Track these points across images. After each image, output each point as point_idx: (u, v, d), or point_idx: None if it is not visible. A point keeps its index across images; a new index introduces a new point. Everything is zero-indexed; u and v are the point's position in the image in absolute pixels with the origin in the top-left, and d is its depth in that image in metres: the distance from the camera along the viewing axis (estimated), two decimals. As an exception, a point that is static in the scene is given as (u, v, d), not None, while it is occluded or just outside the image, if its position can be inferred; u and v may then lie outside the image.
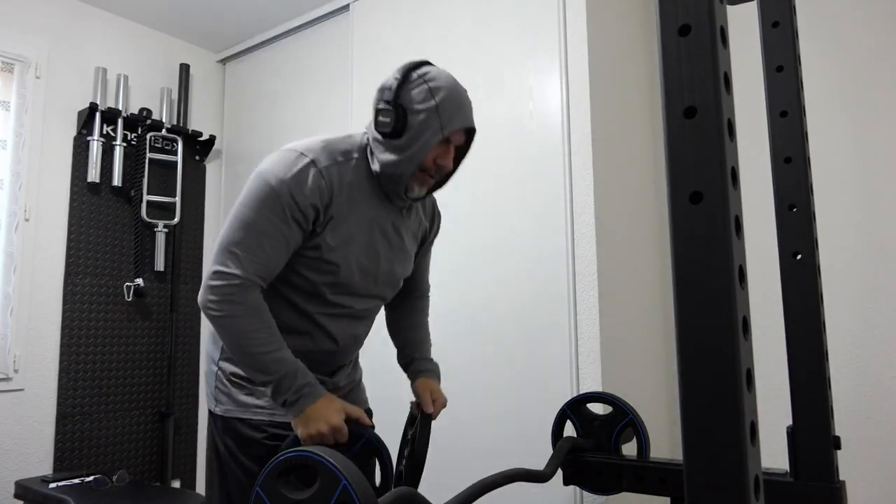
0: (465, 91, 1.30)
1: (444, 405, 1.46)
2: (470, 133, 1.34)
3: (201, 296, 1.20)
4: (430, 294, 1.67)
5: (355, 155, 1.30)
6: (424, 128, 1.22)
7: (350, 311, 1.36)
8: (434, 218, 1.55)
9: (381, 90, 1.27)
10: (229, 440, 1.31)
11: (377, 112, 1.25)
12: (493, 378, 2.12)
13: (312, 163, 1.23)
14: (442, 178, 1.37)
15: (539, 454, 1.97)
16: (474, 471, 2.11)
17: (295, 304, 1.31)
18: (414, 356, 1.52)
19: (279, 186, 1.20)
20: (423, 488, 1.41)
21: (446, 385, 2.21)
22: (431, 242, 1.57)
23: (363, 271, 1.32)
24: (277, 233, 1.20)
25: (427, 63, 1.29)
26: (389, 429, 1.53)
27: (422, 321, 1.59)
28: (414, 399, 1.46)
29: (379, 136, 1.26)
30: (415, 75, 1.24)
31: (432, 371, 1.51)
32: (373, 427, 1.25)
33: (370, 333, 1.49)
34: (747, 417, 0.48)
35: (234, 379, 1.34)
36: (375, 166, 1.29)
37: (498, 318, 2.15)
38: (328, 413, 1.16)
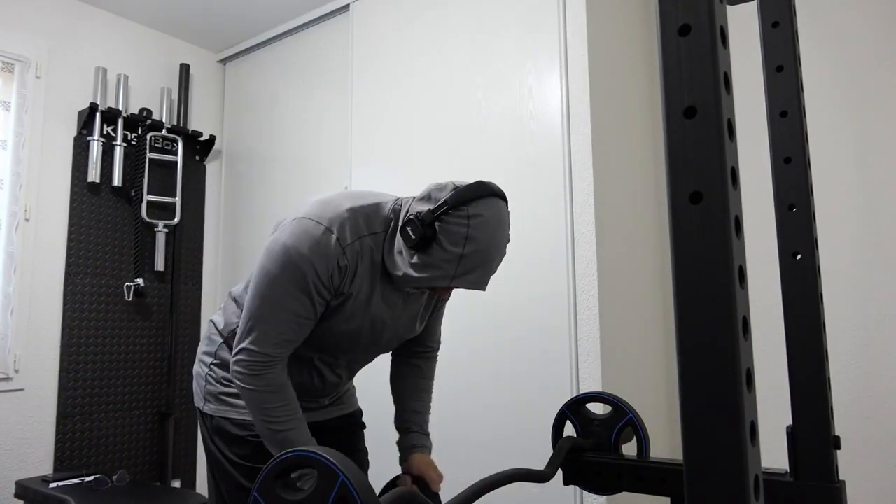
0: (502, 247, 1.19)
1: (441, 480, 1.42)
2: None
3: (231, 367, 1.24)
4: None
5: (378, 230, 1.25)
6: (438, 265, 1.16)
7: (352, 359, 1.40)
8: None
9: (430, 195, 1.18)
10: (218, 438, 1.34)
11: (409, 221, 1.17)
12: (493, 378, 2.12)
13: (338, 241, 1.19)
14: None
15: (539, 454, 1.97)
16: (474, 471, 2.11)
17: (297, 350, 1.33)
18: (412, 428, 1.46)
19: (303, 263, 1.16)
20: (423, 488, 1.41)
21: (447, 384, 2.22)
22: (446, 300, 1.53)
23: (368, 340, 1.34)
24: (301, 309, 1.19)
25: (492, 195, 1.17)
26: (390, 422, 1.53)
27: (425, 386, 1.53)
28: (407, 473, 1.41)
29: (400, 237, 1.22)
30: (464, 210, 1.14)
31: (427, 448, 1.46)
32: None
33: None
34: (747, 417, 0.48)
35: (224, 381, 1.37)
36: (387, 256, 1.26)
37: (498, 318, 2.15)
38: None
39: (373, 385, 2.00)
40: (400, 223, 1.22)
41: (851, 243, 2.06)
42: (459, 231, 1.13)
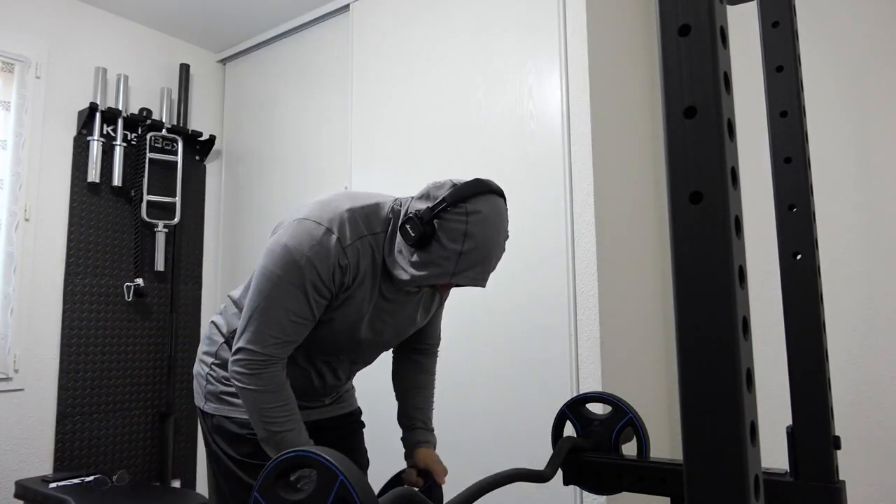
0: (501, 243, 1.20)
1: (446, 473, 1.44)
2: None
3: (229, 366, 1.23)
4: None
5: (378, 230, 1.26)
6: (438, 263, 1.17)
7: (353, 359, 1.40)
8: None
9: (429, 194, 1.19)
10: (219, 437, 1.35)
11: (408, 220, 1.18)
12: (493, 378, 2.12)
13: (338, 241, 1.19)
14: None
15: (539, 454, 1.97)
16: (474, 471, 2.11)
17: (299, 351, 1.33)
18: (415, 424, 1.48)
19: (304, 263, 1.17)
20: (422, 488, 1.41)
21: (446, 384, 2.22)
22: (445, 298, 1.54)
23: (369, 339, 1.34)
24: (300, 309, 1.20)
25: (490, 192, 1.18)
26: (390, 421, 1.53)
27: (427, 382, 1.55)
28: (412, 467, 1.43)
29: (400, 236, 1.22)
30: (463, 207, 1.15)
31: (432, 443, 1.48)
32: None
33: None
34: (747, 417, 0.48)
35: (224, 381, 1.37)
36: (387, 256, 1.27)
37: (498, 317, 2.15)
38: None
39: (372, 384, 2.00)
40: (399, 222, 1.23)
41: (851, 243, 2.06)
42: (458, 228, 1.14)
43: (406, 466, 1.43)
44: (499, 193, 1.20)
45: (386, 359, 1.59)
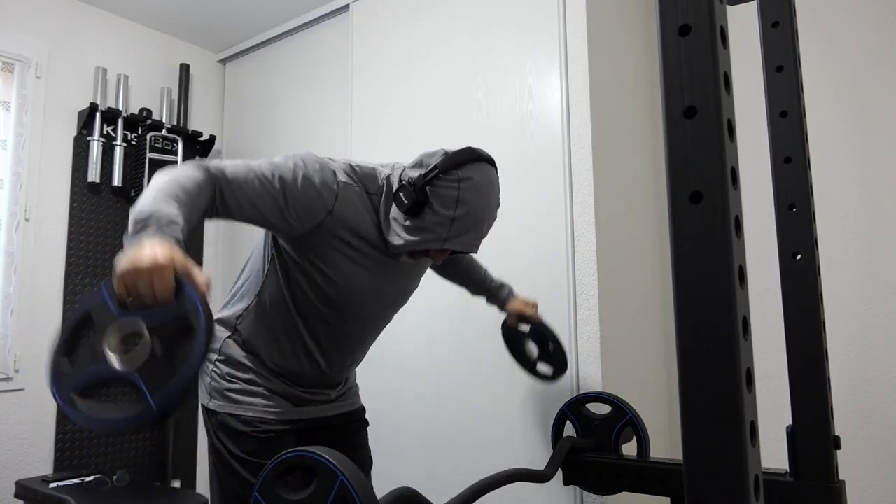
0: (492, 210, 1.24)
1: (536, 306, 1.78)
2: None
3: None
4: (433, 292, 1.70)
5: (371, 190, 1.29)
6: (431, 228, 1.20)
7: (347, 332, 1.40)
8: None
9: (422, 162, 1.23)
10: (223, 434, 1.35)
11: (402, 187, 1.21)
12: (493, 378, 2.12)
13: (334, 172, 1.23)
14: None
15: (539, 454, 1.97)
16: (474, 470, 2.11)
17: (307, 328, 1.34)
18: (491, 290, 1.77)
19: (297, 160, 1.21)
20: (422, 487, 1.41)
21: (447, 384, 2.22)
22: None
23: (363, 303, 1.35)
24: (270, 188, 1.18)
25: (481, 160, 1.22)
26: (391, 419, 1.53)
27: (474, 266, 1.76)
28: (509, 316, 1.79)
29: (394, 203, 1.25)
30: (454, 174, 1.18)
31: (509, 290, 1.78)
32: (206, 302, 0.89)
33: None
34: (747, 417, 0.48)
35: (228, 378, 1.37)
36: (382, 222, 1.29)
37: (498, 317, 2.15)
38: (161, 249, 0.89)
39: (373, 383, 2.00)
40: (393, 189, 1.26)
41: (851, 243, 2.06)
42: (450, 194, 1.18)
43: (505, 318, 1.81)
44: (490, 162, 1.24)
45: (386, 358, 1.59)
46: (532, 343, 1.85)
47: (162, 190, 1.03)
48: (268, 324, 1.35)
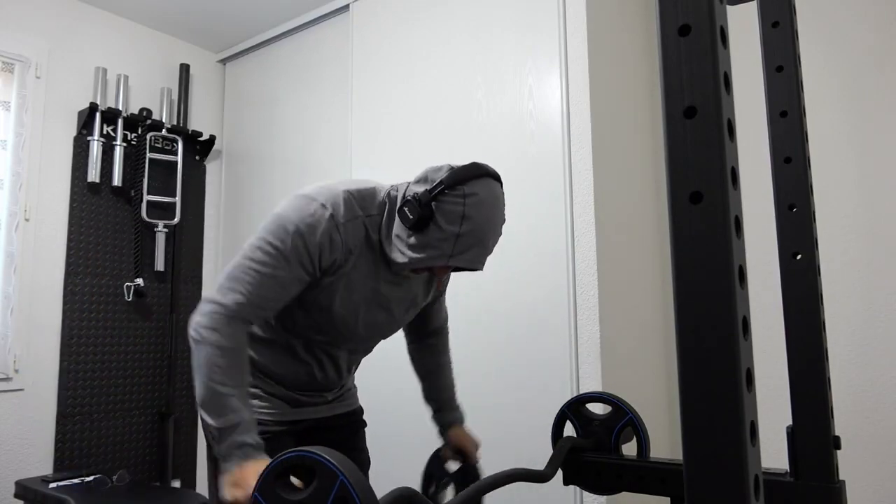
0: (498, 226, 1.21)
1: (478, 448, 1.55)
2: None
3: (191, 317, 1.20)
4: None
5: (373, 212, 1.27)
6: (435, 245, 1.18)
7: (352, 347, 1.40)
8: None
9: (427, 177, 1.21)
10: None
11: (406, 202, 1.19)
12: (493, 378, 2.12)
13: (331, 217, 1.20)
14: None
15: (539, 454, 1.97)
16: (474, 471, 2.11)
17: (298, 343, 1.34)
18: (441, 406, 1.57)
19: (292, 231, 1.18)
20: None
21: (446, 385, 2.22)
22: (445, 285, 1.55)
23: (367, 324, 1.34)
24: (280, 274, 1.18)
25: (487, 175, 1.20)
26: (390, 419, 1.53)
27: (445, 362, 1.61)
28: (446, 445, 1.54)
29: (398, 219, 1.23)
30: (460, 189, 1.16)
31: (461, 420, 1.57)
32: None
33: None
34: (747, 417, 0.48)
35: None
36: (384, 240, 1.27)
37: (498, 317, 2.15)
38: (251, 480, 1.03)
39: (373, 382, 2.00)
40: (397, 206, 1.24)
41: (851, 243, 2.06)
42: (456, 210, 1.16)
43: (439, 448, 1.55)
44: (496, 178, 1.22)
45: (386, 358, 1.59)
46: (451, 489, 1.55)
47: (226, 384, 1.13)
48: (264, 339, 1.35)
